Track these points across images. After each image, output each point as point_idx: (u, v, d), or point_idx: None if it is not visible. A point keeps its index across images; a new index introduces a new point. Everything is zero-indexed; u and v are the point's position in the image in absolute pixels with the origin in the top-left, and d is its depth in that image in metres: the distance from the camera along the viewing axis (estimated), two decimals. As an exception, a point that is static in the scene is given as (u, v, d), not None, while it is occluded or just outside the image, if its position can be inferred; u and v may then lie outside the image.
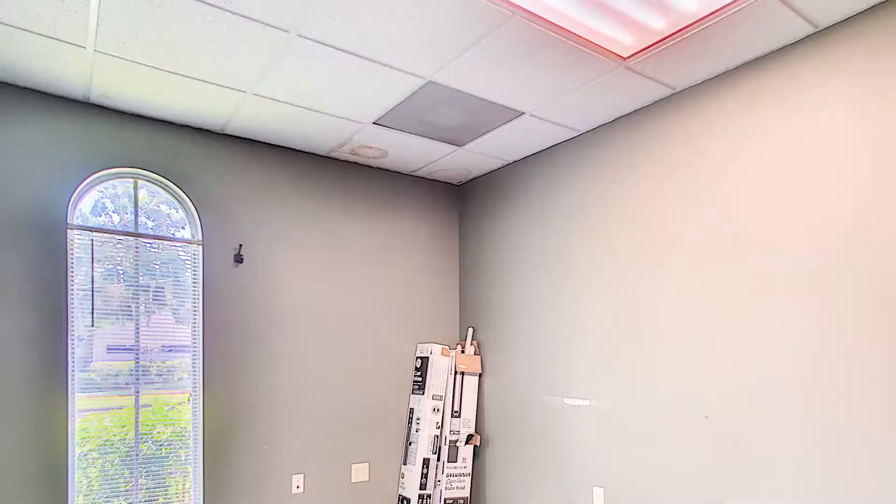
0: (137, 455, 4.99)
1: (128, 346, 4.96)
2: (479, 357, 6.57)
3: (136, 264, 4.98)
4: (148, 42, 3.86)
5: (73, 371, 4.70)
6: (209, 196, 5.33)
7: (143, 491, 5.00)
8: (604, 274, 5.18)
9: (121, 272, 4.94)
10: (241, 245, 5.45)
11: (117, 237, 4.92)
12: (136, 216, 5.01)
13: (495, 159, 6.12)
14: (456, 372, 6.40)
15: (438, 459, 6.30)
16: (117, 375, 4.92)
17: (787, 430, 3.84)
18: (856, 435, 3.51)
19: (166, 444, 5.14)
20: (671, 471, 4.57)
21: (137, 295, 4.98)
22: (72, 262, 4.70)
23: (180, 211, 5.23)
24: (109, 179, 4.92)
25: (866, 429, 3.46)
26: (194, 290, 5.26)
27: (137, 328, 5.00)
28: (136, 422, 5.00)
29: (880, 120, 3.45)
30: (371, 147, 5.71)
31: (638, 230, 4.89)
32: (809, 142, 3.77)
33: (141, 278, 5.00)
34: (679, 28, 3.71)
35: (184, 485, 5.21)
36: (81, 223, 4.78)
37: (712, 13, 3.58)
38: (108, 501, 4.85)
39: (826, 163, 3.68)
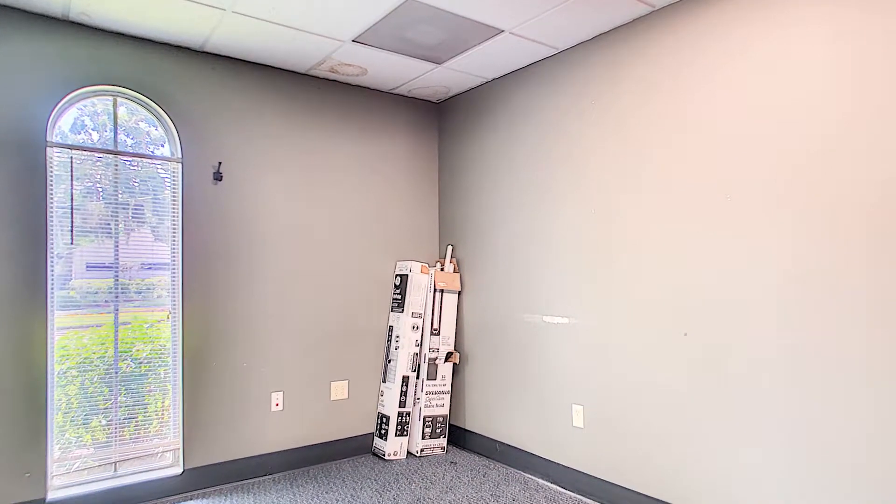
0: (117, 373, 5.17)
1: (107, 264, 5.10)
2: (458, 275, 6.76)
3: (116, 182, 5.11)
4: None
5: (52, 288, 4.87)
6: (188, 114, 5.45)
7: (122, 408, 5.18)
8: (583, 191, 5.34)
9: (100, 190, 5.05)
10: (220, 163, 5.60)
11: (96, 155, 5.04)
12: (116, 134, 5.14)
13: (475, 77, 6.27)
14: (435, 290, 6.59)
15: (418, 377, 6.55)
16: (96, 293, 5.07)
17: (766, 344, 4.00)
18: (833, 344, 3.66)
19: (145, 361, 5.32)
20: (651, 388, 4.76)
21: (116, 213, 5.12)
22: (51, 180, 4.83)
23: (159, 129, 5.37)
24: (88, 97, 5.03)
25: (844, 337, 3.62)
26: (173, 208, 5.40)
27: (117, 246, 5.14)
28: (116, 339, 5.17)
29: (860, 36, 3.58)
30: (350, 65, 5.85)
31: (617, 147, 5.05)
32: (789, 58, 3.92)
33: (120, 196, 5.13)
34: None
35: (163, 402, 5.41)
36: (61, 141, 4.91)
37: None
38: (88, 419, 5.04)
39: (805, 79, 3.83)
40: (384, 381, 6.62)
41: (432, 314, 6.59)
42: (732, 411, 4.21)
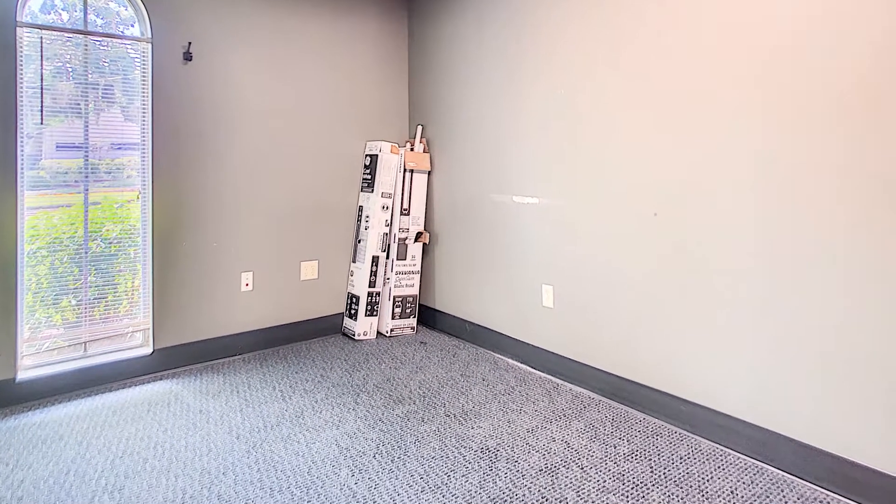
0: (86, 253, 5.39)
1: (77, 144, 5.31)
2: (428, 155, 7.07)
3: (85, 62, 5.33)
4: None
5: (21, 168, 5.04)
6: (159, -7, 5.67)
7: (92, 288, 5.42)
8: (554, 71, 5.56)
9: (70, 70, 5.27)
10: (190, 43, 5.80)
11: (66, 35, 5.24)
12: (86, 14, 5.34)
13: (448, -47, 6.41)
14: (405, 170, 6.90)
15: (388, 257, 6.91)
16: (66, 173, 5.27)
17: (739, 231, 4.10)
18: (809, 231, 3.73)
19: (115, 241, 5.54)
20: (620, 269, 4.93)
21: (86, 93, 5.34)
22: (21, 60, 5.03)
23: (129, 8, 5.58)
24: (59, -24, 5.22)
25: (820, 224, 3.69)
26: (143, 88, 5.63)
27: (86, 126, 5.36)
28: (86, 219, 5.38)
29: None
30: (320, -60, 5.95)
31: (588, 28, 5.22)
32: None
33: (90, 76, 5.35)
34: None
35: (133, 282, 5.65)
36: (30, 21, 5.10)
37: None
38: (58, 299, 5.25)
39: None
40: (354, 262, 6.95)
41: (402, 194, 6.89)
42: (701, 295, 4.38)
